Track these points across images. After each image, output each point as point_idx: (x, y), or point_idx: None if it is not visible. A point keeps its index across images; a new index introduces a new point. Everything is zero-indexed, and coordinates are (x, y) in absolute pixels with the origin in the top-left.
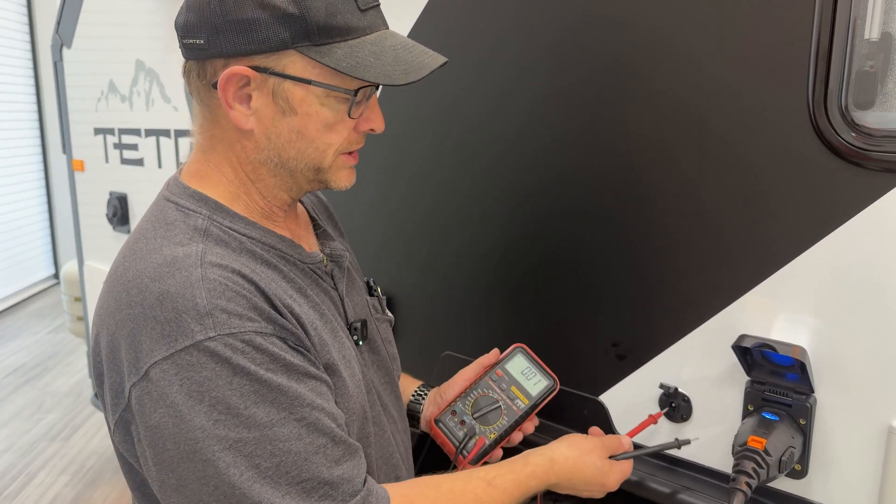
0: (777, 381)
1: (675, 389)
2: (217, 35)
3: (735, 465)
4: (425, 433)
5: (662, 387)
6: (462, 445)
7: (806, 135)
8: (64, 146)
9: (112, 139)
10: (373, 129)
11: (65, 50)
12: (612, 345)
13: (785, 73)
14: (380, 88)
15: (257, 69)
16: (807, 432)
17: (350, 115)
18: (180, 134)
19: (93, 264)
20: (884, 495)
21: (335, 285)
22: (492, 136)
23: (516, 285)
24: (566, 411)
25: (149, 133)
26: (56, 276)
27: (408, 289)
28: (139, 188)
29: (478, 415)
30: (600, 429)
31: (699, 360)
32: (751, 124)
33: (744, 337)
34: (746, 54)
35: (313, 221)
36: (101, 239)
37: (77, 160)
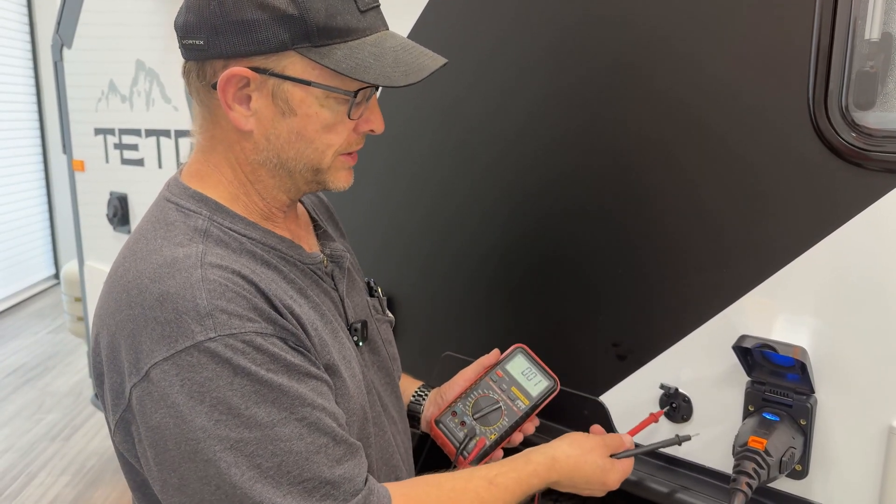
0: (777, 382)
1: (676, 390)
2: (217, 36)
3: (735, 466)
4: (426, 434)
5: (663, 387)
6: (462, 446)
7: (806, 135)
8: (64, 146)
9: (112, 139)
10: (372, 130)
11: (65, 50)
12: (613, 345)
13: (785, 73)
14: (380, 89)
15: (257, 70)
16: (807, 433)
17: (350, 116)
18: (180, 134)
19: (93, 264)
20: (884, 495)
21: (335, 286)
22: (492, 136)
23: (516, 285)
24: (567, 412)
25: (149, 133)
26: (56, 276)
27: (408, 289)
28: (139, 188)
29: (478, 415)
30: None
31: (700, 361)
32: (751, 124)
33: (744, 337)
34: (746, 54)
35: (314, 222)
36: (101, 239)
37: (77, 160)
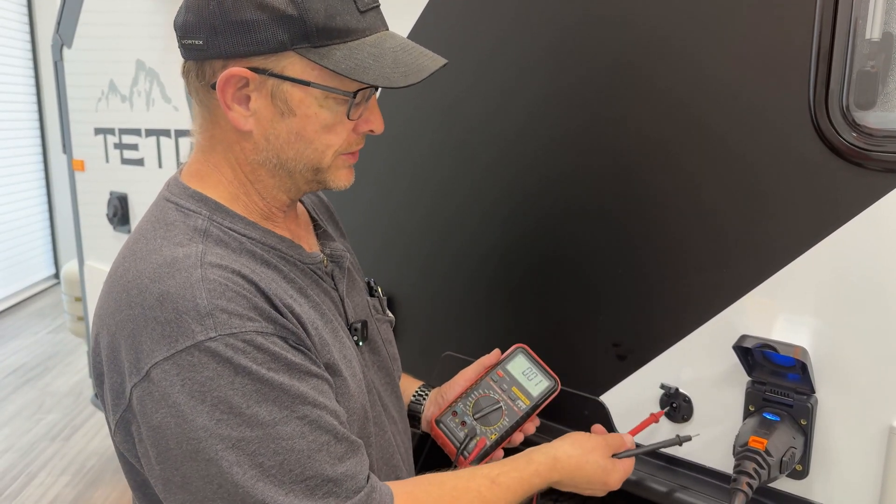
0: (778, 382)
1: (676, 390)
2: (216, 36)
3: (736, 466)
4: (426, 434)
5: (663, 387)
6: (463, 446)
7: (807, 135)
8: (64, 146)
9: (112, 139)
10: (372, 131)
11: (65, 50)
12: (613, 345)
13: (786, 72)
14: (379, 89)
15: (256, 70)
16: (808, 433)
17: (349, 116)
18: (180, 134)
19: (93, 264)
20: (885, 495)
21: (335, 286)
22: (492, 136)
23: (516, 285)
24: (567, 412)
25: (149, 133)
26: (56, 275)
27: (408, 289)
28: (139, 188)
29: (479, 415)
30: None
31: (700, 361)
32: (751, 124)
33: (745, 337)
34: (747, 54)
35: (314, 222)
36: (101, 239)
37: (77, 160)
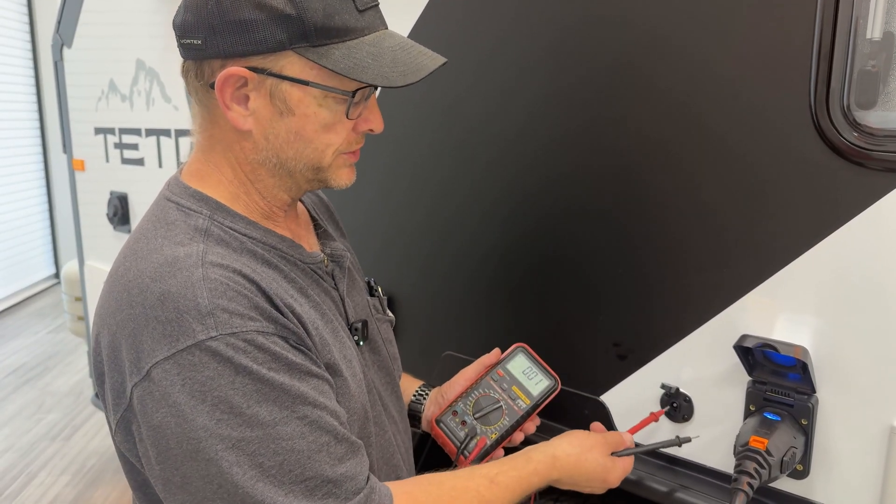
0: (779, 381)
1: (677, 389)
2: (214, 35)
3: (737, 466)
4: (426, 433)
5: (664, 387)
6: (463, 446)
7: (807, 134)
8: (64, 146)
9: (112, 139)
10: (371, 130)
11: (65, 49)
12: (614, 345)
13: (786, 72)
14: (379, 89)
15: (254, 70)
16: (809, 432)
17: (348, 116)
18: (181, 133)
19: (93, 264)
20: (885, 495)
21: (336, 285)
22: (492, 136)
23: (516, 285)
24: (567, 411)
25: (149, 133)
26: (56, 275)
27: (408, 289)
28: (140, 188)
29: (479, 415)
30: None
31: (700, 361)
32: (752, 124)
33: (745, 337)
34: (747, 54)
35: (314, 221)
36: (101, 239)
37: (77, 160)
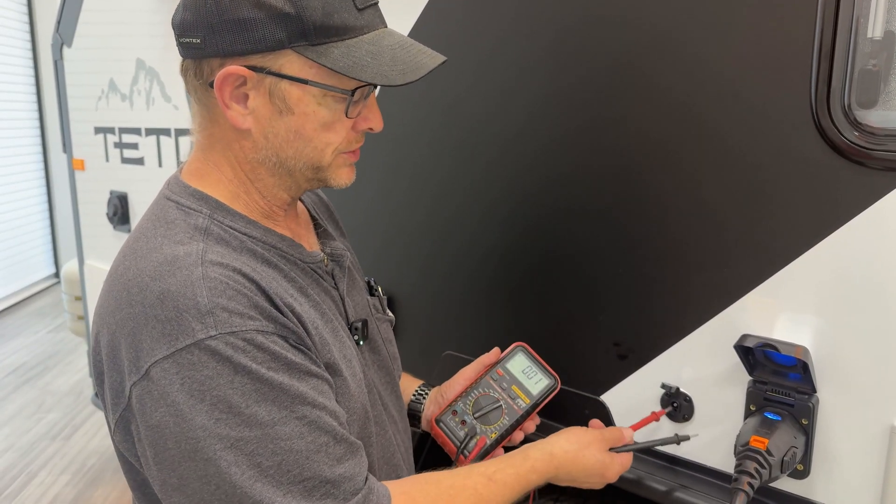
0: (779, 381)
1: (677, 389)
2: (213, 34)
3: (737, 465)
4: (426, 433)
5: (664, 386)
6: (463, 445)
7: (808, 134)
8: (64, 145)
9: (112, 138)
10: (371, 129)
11: (65, 49)
12: (614, 344)
13: (787, 71)
14: (378, 88)
15: (254, 69)
16: (809, 432)
17: (347, 114)
18: (181, 133)
19: (93, 263)
20: (886, 495)
21: (336, 285)
22: (492, 136)
23: (516, 285)
24: (568, 411)
25: (149, 132)
26: (56, 275)
27: (408, 288)
28: (139, 187)
29: (479, 414)
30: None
31: (701, 360)
32: (752, 123)
33: (746, 337)
34: (748, 53)
35: (314, 220)
36: (101, 238)
37: (77, 159)
